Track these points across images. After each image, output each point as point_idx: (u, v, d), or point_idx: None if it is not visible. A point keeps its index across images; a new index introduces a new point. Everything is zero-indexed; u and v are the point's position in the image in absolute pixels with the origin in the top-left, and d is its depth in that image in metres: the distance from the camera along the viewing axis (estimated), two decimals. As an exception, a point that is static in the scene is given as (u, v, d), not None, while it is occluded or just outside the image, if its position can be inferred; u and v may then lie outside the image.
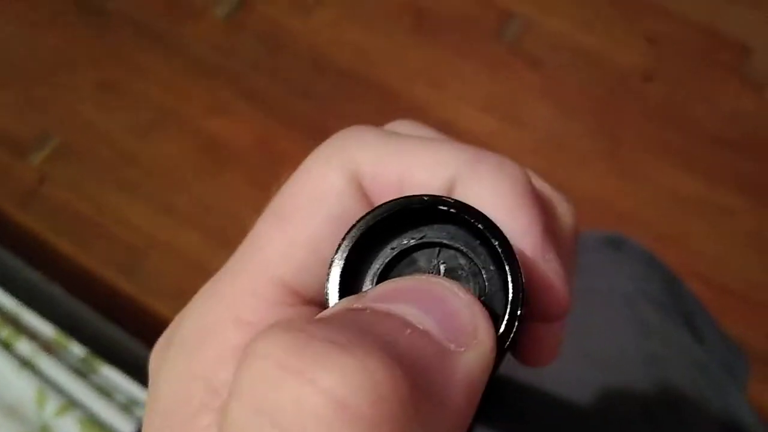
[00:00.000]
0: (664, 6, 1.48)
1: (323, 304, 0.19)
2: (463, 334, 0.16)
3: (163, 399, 0.20)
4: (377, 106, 1.37)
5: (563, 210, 0.25)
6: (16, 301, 0.99)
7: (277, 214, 0.21)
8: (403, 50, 1.47)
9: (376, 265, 0.19)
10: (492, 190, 0.20)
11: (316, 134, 0.23)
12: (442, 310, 0.16)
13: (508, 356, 0.30)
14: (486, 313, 0.16)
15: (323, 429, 0.13)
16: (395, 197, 0.19)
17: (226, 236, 1.26)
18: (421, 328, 0.15)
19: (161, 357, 0.21)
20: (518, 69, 1.44)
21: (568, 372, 0.52)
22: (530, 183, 0.21)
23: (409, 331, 0.15)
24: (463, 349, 0.16)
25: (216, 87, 1.44)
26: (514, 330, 0.17)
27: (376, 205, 0.19)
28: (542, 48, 1.46)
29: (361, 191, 0.21)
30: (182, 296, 0.23)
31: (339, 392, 0.13)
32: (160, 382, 0.20)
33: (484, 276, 0.18)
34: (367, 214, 0.18)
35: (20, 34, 1.54)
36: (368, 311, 0.16)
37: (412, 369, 0.14)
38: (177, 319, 0.22)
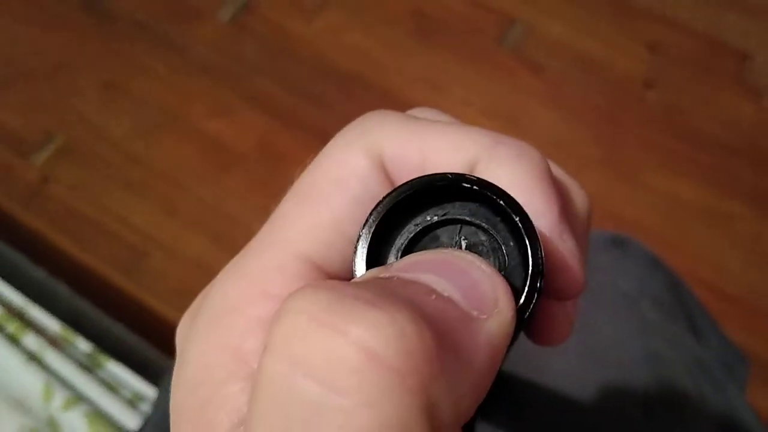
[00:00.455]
0: (664, 14, 1.49)
1: (347, 279, 0.20)
2: (484, 303, 0.16)
3: (191, 368, 0.20)
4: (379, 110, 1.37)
5: (578, 196, 0.26)
6: (22, 296, 0.99)
7: (301, 195, 0.22)
8: (405, 55, 1.48)
9: (401, 241, 0.19)
10: (511, 172, 0.21)
11: (318, 137, 0.24)
12: (464, 280, 0.17)
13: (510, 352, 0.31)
14: (506, 284, 0.17)
15: (354, 378, 0.13)
16: (419, 175, 0.19)
17: (227, 237, 1.26)
18: (446, 295, 0.16)
19: (188, 328, 0.22)
20: (520, 74, 1.44)
21: (569, 369, 0.52)
22: (548, 167, 0.22)
23: (434, 296, 0.16)
24: (485, 317, 0.16)
25: (219, 89, 1.45)
26: (533, 302, 0.18)
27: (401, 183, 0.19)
28: (544, 54, 1.47)
29: (384, 173, 0.22)
30: (183, 297, 0.24)
31: (369, 343, 0.14)
32: (188, 352, 0.21)
33: (504, 251, 0.19)
34: (394, 190, 0.19)
35: (25, 34, 1.54)
36: (395, 278, 0.16)
37: (438, 329, 0.15)
38: (204, 292, 0.23)
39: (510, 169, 0.21)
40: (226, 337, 0.20)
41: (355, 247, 0.19)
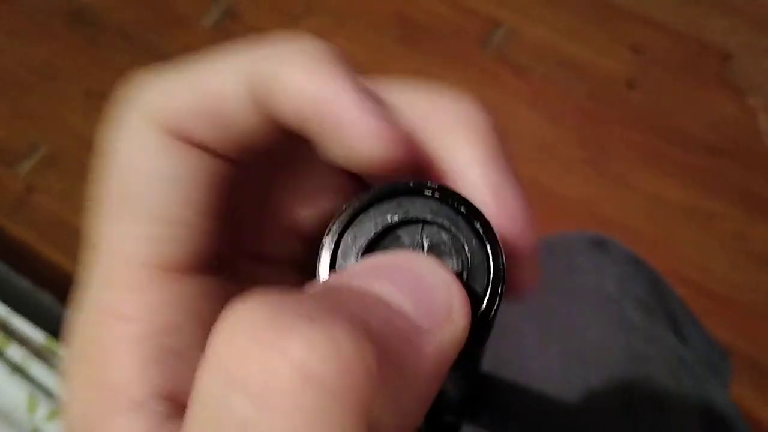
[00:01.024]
0: (646, 15, 1.50)
1: (195, 264, 0.20)
2: (437, 314, 0.16)
3: (77, 410, 0.20)
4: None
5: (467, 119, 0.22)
6: (5, 307, 0.99)
7: (112, 198, 0.21)
8: (390, 60, 1.48)
9: (361, 241, 0.19)
10: (293, 72, 0.19)
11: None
12: (418, 288, 0.16)
13: (493, 359, 0.31)
14: (463, 291, 0.17)
15: (290, 398, 0.13)
16: (382, 184, 0.19)
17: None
18: (396, 306, 0.16)
19: (68, 368, 0.21)
20: (504, 77, 1.45)
21: (552, 370, 0.53)
22: (326, 48, 0.21)
23: (383, 308, 0.16)
24: (436, 329, 0.16)
25: (204, 96, 1.44)
26: (495, 308, 0.18)
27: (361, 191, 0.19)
28: (527, 56, 1.47)
29: (174, 139, 0.20)
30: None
31: (306, 363, 0.13)
32: (71, 390, 0.20)
33: (467, 250, 0.19)
34: (356, 199, 0.19)
35: (9, 44, 1.54)
36: (345, 289, 0.16)
37: (382, 343, 0.14)
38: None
39: (290, 72, 0.19)
40: (100, 376, 0.19)
41: (319, 256, 0.19)
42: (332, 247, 0.19)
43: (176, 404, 0.19)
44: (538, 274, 0.21)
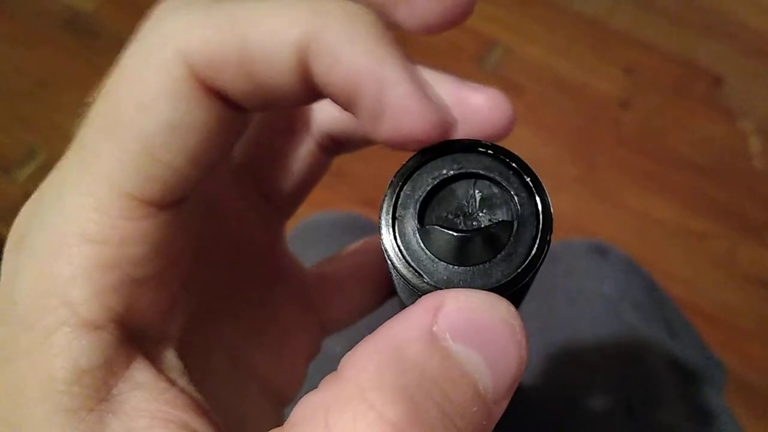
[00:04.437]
0: (640, 38, 1.52)
1: (169, 202, 0.20)
2: (509, 386, 0.18)
3: (21, 308, 0.19)
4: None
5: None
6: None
7: (104, 120, 0.19)
8: (386, 75, 1.50)
9: (419, 193, 0.20)
10: (351, 45, 0.19)
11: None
12: (499, 360, 0.18)
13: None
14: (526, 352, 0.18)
15: None
16: (440, 141, 0.20)
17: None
18: (482, 389, 0.17)
19: (15, 258, 0.20)
20: (499, 95, 1.46)
21: (552, 371, 0.54)
22: (380, 23, 0.20)
23: (469, 390, 0.17)
24: (504, 402, 0.18)
25: (203, 107, 1.45)
26: (545, 252, 0.20)
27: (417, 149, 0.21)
28: (523, 75, 1.49)
29: (198, 84, 0.19)
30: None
31: None
32: (17, 287, 0.19)
33: (517, 201, 0.20)
34: (415, 155, 0.20)
35: (8, 52, 1.55)
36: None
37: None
38: (28, 214, 0.21)
39: (348, 42, 0.19)
40: (52, 283, 0.19)
41: (381, 206, 0.20)
42: (393, 198, 0.20)
43: (127, 330, 0.20)
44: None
